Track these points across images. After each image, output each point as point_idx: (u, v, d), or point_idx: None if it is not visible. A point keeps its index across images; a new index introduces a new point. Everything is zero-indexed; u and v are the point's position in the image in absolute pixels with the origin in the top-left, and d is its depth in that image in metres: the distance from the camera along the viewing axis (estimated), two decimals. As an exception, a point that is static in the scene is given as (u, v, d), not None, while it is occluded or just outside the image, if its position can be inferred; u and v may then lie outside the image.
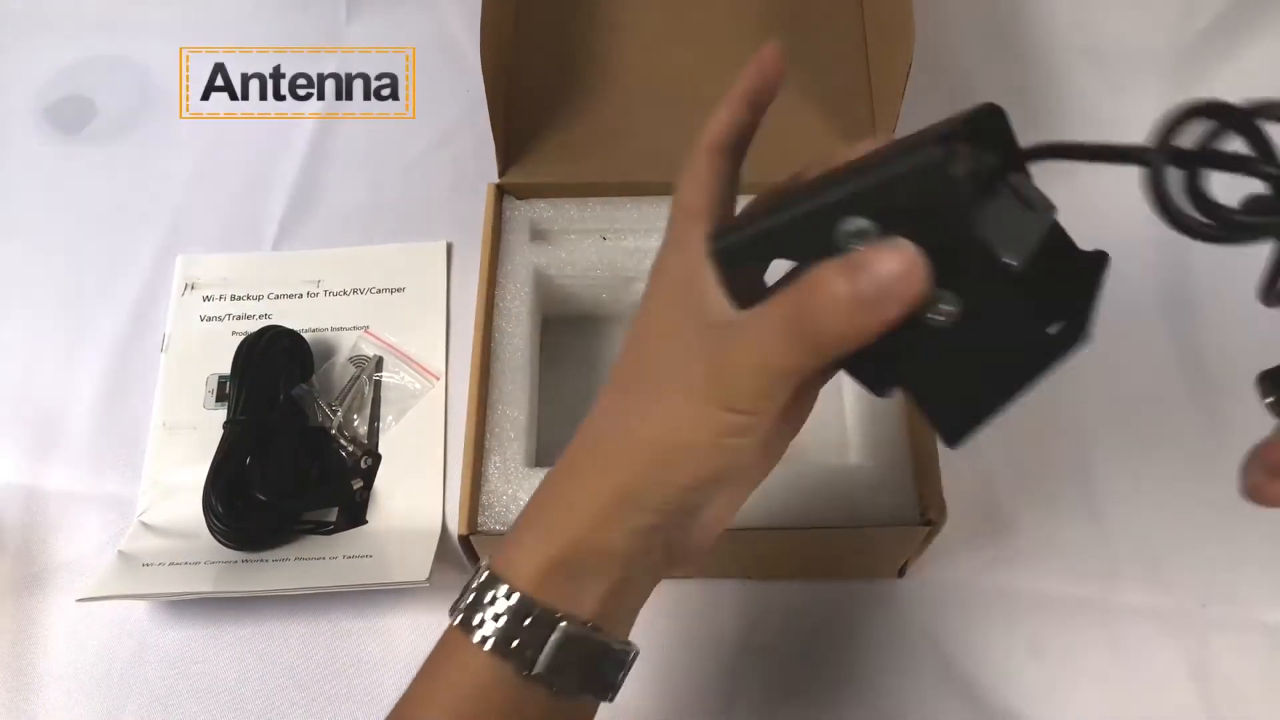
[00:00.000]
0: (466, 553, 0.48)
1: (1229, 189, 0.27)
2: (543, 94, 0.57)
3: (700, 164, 0.31)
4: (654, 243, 0.55)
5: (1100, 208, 0.64)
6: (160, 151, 0.69)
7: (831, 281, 0.25)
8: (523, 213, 0.56)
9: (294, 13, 0.73)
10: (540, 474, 0.46)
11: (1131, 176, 0.25)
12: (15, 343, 0.63)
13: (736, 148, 0.33)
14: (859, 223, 0.26)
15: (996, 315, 0.26)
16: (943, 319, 0.26)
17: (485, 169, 0.55)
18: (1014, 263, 0.26)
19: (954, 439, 0.28)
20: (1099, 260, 0.31)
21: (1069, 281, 0.30)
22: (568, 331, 0.58)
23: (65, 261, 0.65)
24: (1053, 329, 0.27)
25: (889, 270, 0.25)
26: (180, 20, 0.74)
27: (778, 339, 0.27)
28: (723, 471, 0.29)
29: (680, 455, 0.29)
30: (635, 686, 0.51)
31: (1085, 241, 0.32)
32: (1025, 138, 0.31)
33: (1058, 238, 0.31)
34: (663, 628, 0.52)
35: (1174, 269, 0.62)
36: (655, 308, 0.30)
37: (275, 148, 0.69)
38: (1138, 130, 0.73)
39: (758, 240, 0.28)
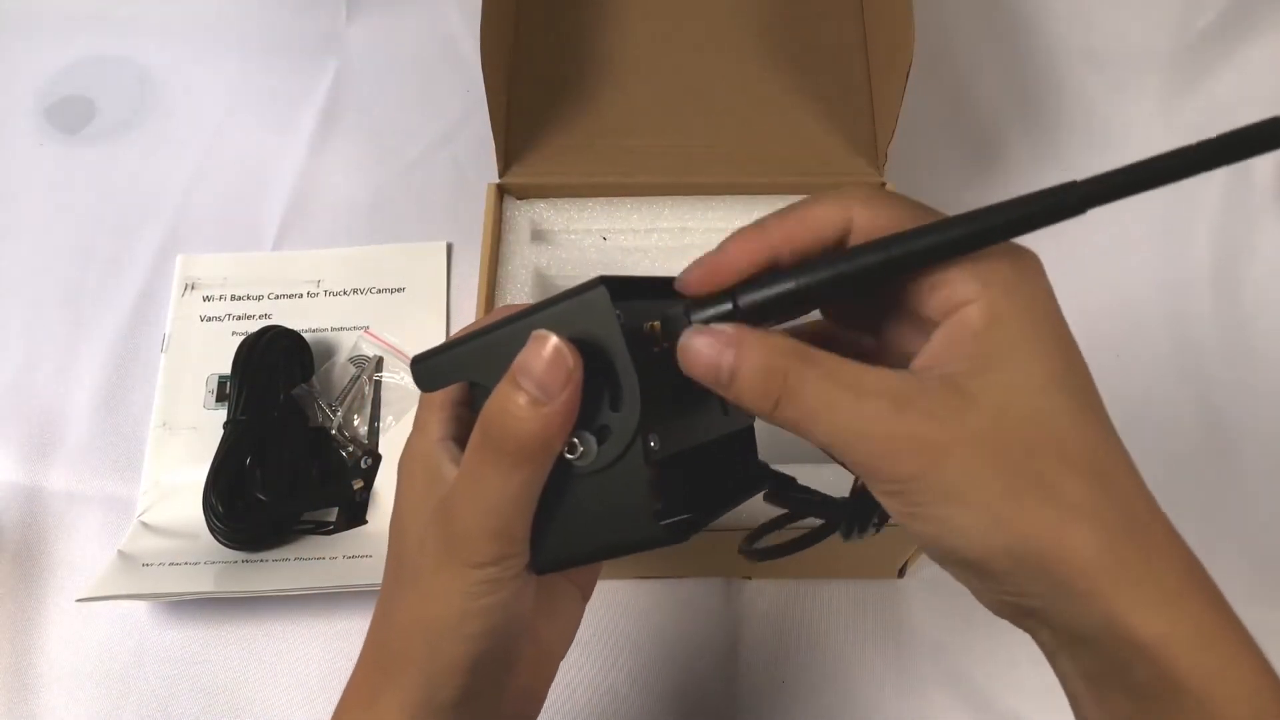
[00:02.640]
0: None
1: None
2: (543, 94, 0.57)
3: None
4: (654, 243, 0.56)
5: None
6: (160, 151, 0.69)
7: (501, 390, 0.26)
8: (523, 213, 0.56)
9: (294, 13, 0.73)
10: None
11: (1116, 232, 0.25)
12: (15, 343, 0.63)
13: None
14: None
15: (623, 479, 0.26)
16: (576, 458, 0.27)
17: (485, 169, 0.55)
18: (654, 445, 0.26)
19: (537, 567, 0.28)
20: (755, 483, 0.33)
21: (714, 483, 0.31)
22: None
23: (65, 261, 0.65)
24: (665, 522, 0.27)
25: (540, 359, 0.25)
26: (180, 20, 0.74)
27: (484, 467, 0.26)
28: (491, 635, 0.28)
29: (441, 629, 0.28)
30: (634, 686, 0.51)
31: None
32: (1025, 137, 0.31)
33: (742, 440, 0.33)
34: (662, 627, 0.52)
35: (1175, 274, 0.62)
36: (402, 491, 0.30)
37: (275, 147, 0.69)
38: (1138, 130, 0.73)
39: (450, 361, 0.29)
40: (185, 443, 0.57)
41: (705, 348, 0.25)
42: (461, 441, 0.29)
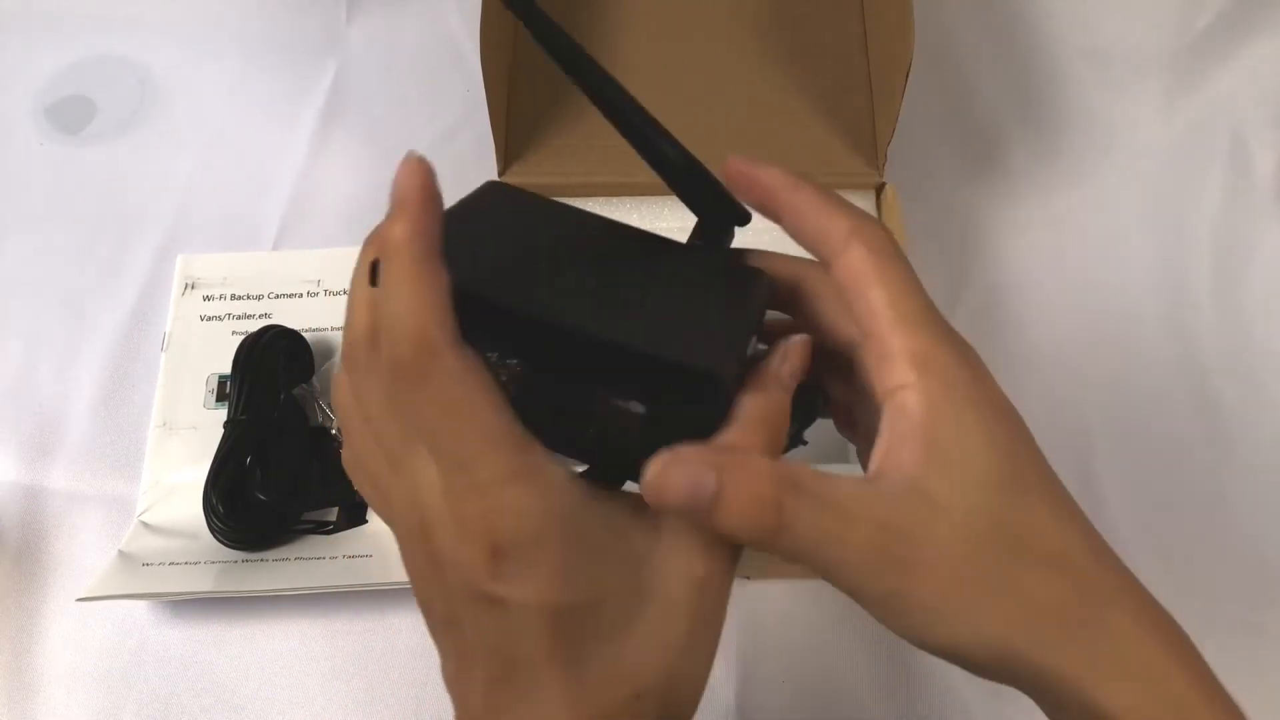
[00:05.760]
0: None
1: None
2: (543, 94, 0.57)
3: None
4: None
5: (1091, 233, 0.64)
6: (160, 151, 0.69)
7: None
8: None
9: (294, 13, 0.73)
10: None
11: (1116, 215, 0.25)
12: (15, 343, 0.63)
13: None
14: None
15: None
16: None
17: (485, 169, 0.56)
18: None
19: None
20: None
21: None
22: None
23: (65, 261, 0.65)
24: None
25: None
26: (180, 20, 0.74)
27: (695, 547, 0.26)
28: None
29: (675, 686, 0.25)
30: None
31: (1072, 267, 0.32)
32: (1025, 137, 0.31)
33: None
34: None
35: (1175, 274, 0.62)
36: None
37: (275, 148, 0.69)
38: (1138, 130, 0.73)
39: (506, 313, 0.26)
40: (185, 442, 0.57)
41: (684, 474, 0.24)
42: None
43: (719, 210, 0.31)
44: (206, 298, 0.62)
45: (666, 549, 0.26)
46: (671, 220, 0.56)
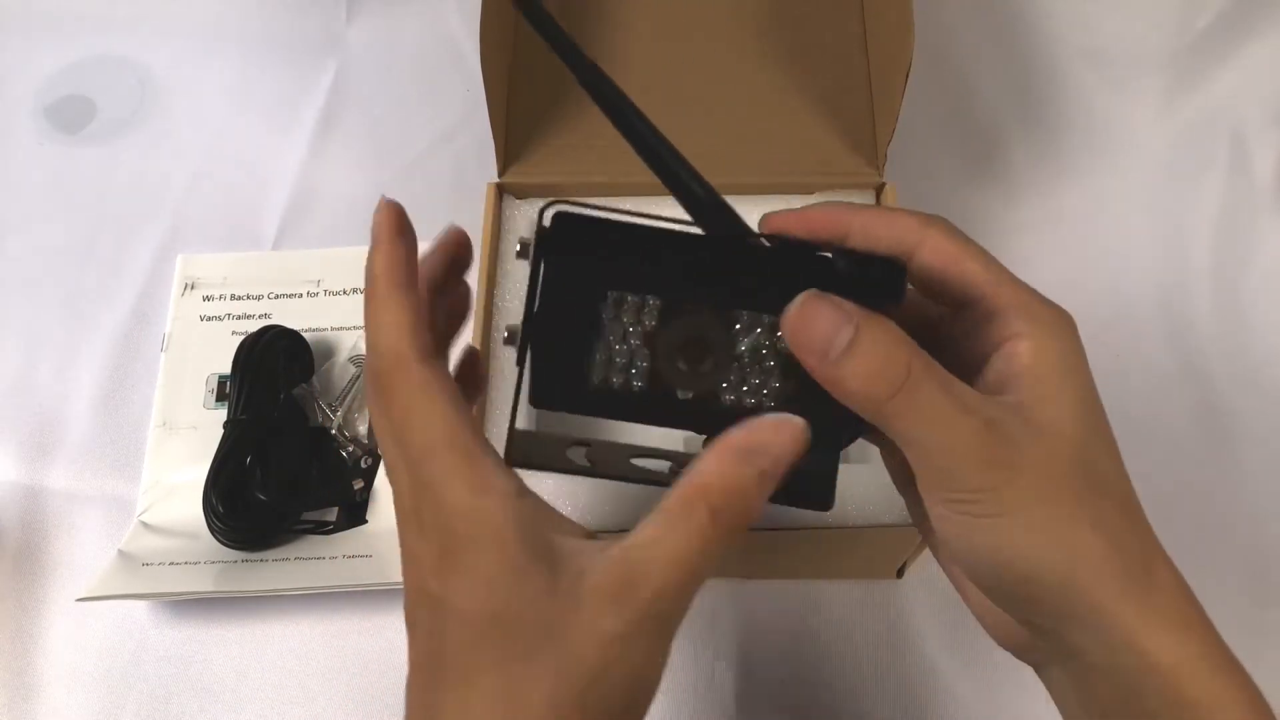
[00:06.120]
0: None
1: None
2: (543, 94, 0.57)
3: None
4: None
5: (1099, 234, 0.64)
6: (160, 151, 0.69)
7: (736, 468, 0.25)
8: (523, 212, 0.56)
9: (294, 13, 0.73)
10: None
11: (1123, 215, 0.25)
12: (15, 343, 0.63)
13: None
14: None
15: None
16: None
17: (485, 169, 0.55)
18: None
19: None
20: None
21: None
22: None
23: (65, 261, 0.65)
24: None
25: (784, 443, 0.25)
26: (180, 20, 0.74)
27: (708, 542, 0.25)
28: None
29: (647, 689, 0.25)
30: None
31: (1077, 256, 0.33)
32: (1024, 137, 0.32)
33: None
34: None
35: (1175, 275, 0.62)
36: (476, 565, 0.25)
37: (275, 147, 0.69)
38: (1138, 130, 0.73)
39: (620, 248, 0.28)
40: (185, 442, 0.57)
41: (826, 315, 0.25)
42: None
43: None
44: (206, 298, 0.62)
45: (587, 593, 0.24)
46: (671, 220, 0.55)
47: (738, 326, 0.28)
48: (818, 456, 0.28)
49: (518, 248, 0.53)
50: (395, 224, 0.28)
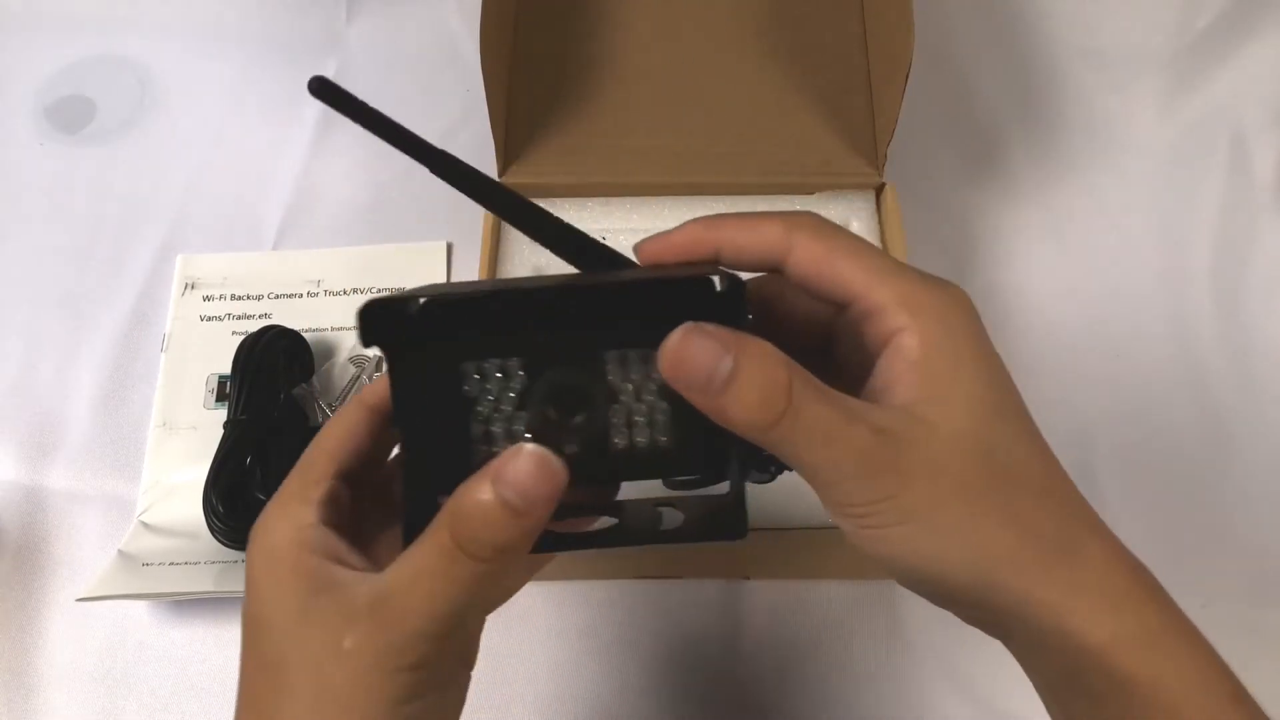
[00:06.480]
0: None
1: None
2: (543, 94, 0.57)
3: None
4: None
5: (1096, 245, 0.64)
6: (160, 151, 0.69)
7: (475, 494, 0.25)
8: None
9: (294, 13, 0.73)
10: None
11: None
12: (15, 343, 0.63)
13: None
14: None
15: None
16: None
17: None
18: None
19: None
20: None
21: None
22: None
23: (65, 261, 0.65)
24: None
25: (525, 473, 0.25)
26: (180, 20, 0.74)
27: (449, 565, 0.25)
28: None
29: None
30: (635, 686, 0.51)
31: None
32: (1024, 137, 0.31)
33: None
34: (660, 627, 0.52)
35: (1175, 275, 0.62)
36: (265, 593, 0.27)
37: (275, 147, 0.69)
38: (1138, 130, 0.73)
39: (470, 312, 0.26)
40: (185, 442, 0.57)
41: (704, 348, 0.24)
42: (338, 526, 0.28)
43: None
44: (206, 298, 0.62)
45: (342, 618, 0.26)
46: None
47: (609, 367, 0.26)
48: (735, 485, 0.27)
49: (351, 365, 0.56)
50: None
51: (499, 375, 0.26)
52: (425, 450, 0.27)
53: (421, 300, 0.26)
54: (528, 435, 0.26)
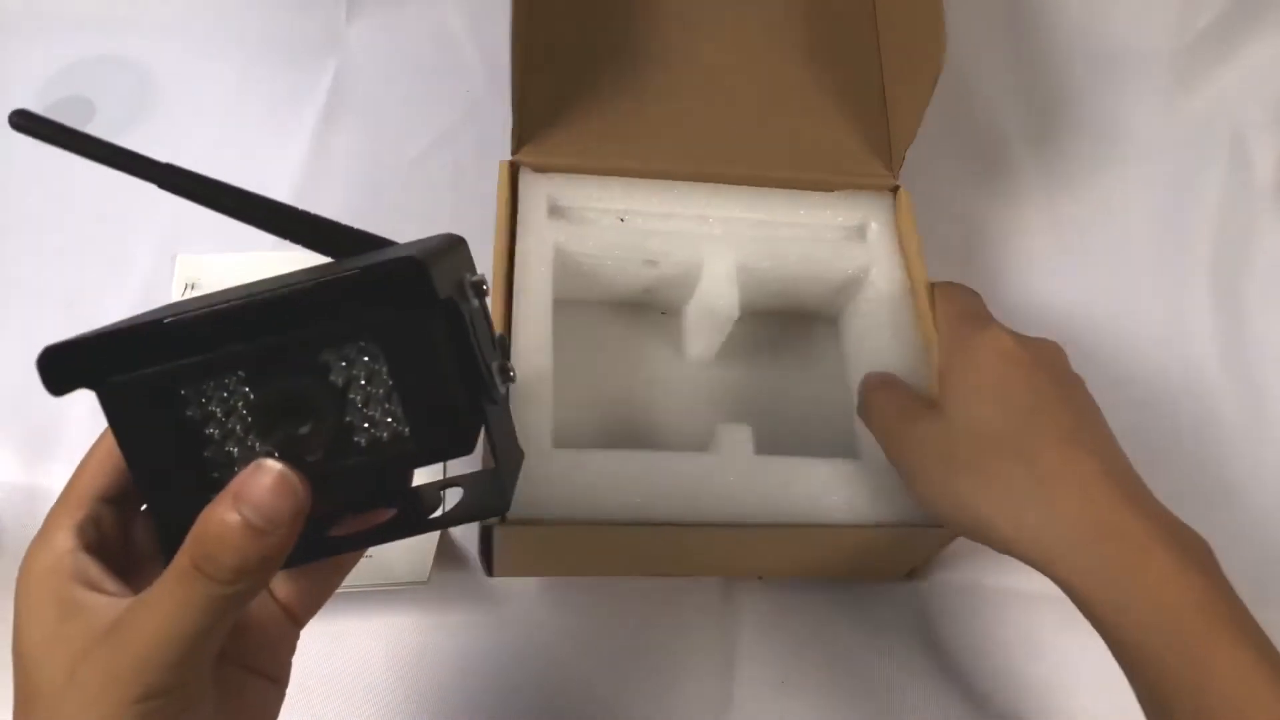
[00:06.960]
0: (483, 544, 0.48)
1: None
2: (561, 81, 0.56)
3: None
4: (673, 227, 0.53)
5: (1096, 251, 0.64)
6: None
7: (216, 515, 0.24)
8: (540, 186, 0.53)
9: (294, 12, 0.73)
10: (562, 455, 0.45)
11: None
12: (15, 343, 0.62)
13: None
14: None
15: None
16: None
17: (486, 169, 0.55)
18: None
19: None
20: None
21: None
22: (580, 313, 0.57)
23: (65, 261, 0.65)
24: None
25: (263, 489, 0.24)
26: (180, 20, 0.74)
27: (187, 590, 0.25)
28: None
29: None
30: (640, 686, 0.51)
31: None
32: (1026, 138, 0.31)
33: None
34: (661, 627, 0.52)
35: (1175, 275, 0.62)
36: (26, 618, 0.27)
37: (275, 147, 0.69)
38: (1138, 130, 0.73)
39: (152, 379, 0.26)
40: (185, 443, 0.57)
41: (897, 388, 0.44)
42: (99, 552, 0.27)
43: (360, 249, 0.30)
44: (206, 298, 0.62)
45: (87, 645, 0.26)
46: (689, 208, 0.54)
47: (330, 366, 0.25)
48: (499, 460, 0.27)
49: None
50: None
51: (224, 395, 0.25)
52: (161, 481, 0.26)
53: (86, 340, 0.25)
54: (272, 452, 0.25)
